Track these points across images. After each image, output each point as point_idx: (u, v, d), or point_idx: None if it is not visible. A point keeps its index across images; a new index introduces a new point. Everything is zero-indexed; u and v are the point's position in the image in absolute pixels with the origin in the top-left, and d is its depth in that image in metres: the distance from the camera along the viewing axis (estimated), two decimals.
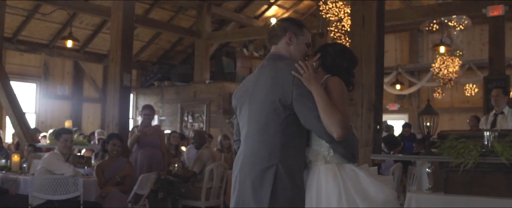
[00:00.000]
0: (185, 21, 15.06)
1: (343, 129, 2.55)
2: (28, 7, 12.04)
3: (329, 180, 2.55)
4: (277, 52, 2.89)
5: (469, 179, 4.91)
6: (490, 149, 4.68)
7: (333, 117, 2.55)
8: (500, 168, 4.68)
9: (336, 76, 2.78)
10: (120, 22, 7.82)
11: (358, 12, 5.52)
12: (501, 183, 4.76)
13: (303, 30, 2.91)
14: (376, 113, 5.39)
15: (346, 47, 3.13)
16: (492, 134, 4.78)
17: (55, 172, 5.86)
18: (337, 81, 2.74)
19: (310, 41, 2.93)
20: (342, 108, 2.61)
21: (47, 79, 13.49)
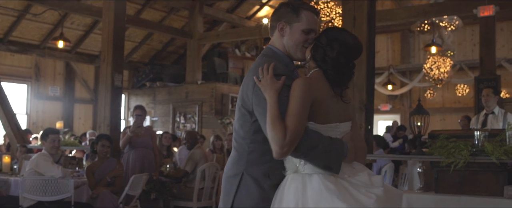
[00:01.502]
0: (177, 22, 15.03)
1: (281, 148, 2.22)
2: (19, 7, 11.98)
3: (291, 191, 2.28)
4: (269, 47, 2.59)
5: (460, 178, 4.93)
6: (480, 148, 4.70)
7: (271, 133, 2.26)
8: (491, 168, 4.70)
9: (300, 78, 2.38)
10: (111, 22, 7.78)
11: (349, 12, 5.53)
12: (492, 182, 4.78)
13: (300, 14, 2.50)
14: (368, 113, 5.39)
15: (342, 33, 2.50)
16: (482, 134, 4.79)
17: (44, 173, 5.83)
18: (296, 86, 2.32)
19: (313, 26, 2.51)
20: (291, 122, 2.24)
21: (38, 80, 13.43)
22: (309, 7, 2.55)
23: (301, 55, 2.52)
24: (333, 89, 2.40)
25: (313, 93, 2.32)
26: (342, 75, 2.42)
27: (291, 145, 2.24)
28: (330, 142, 2.32)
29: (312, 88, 2.33)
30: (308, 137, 2.28)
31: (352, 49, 2.45)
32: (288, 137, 2.22)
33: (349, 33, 2.51)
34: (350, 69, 2.46)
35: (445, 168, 4.81)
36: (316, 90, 2.34)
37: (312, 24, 2.51)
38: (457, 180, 4.94)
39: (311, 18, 2.53)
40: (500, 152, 4.53)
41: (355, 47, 2.47)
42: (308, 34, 2.49)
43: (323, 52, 2.42)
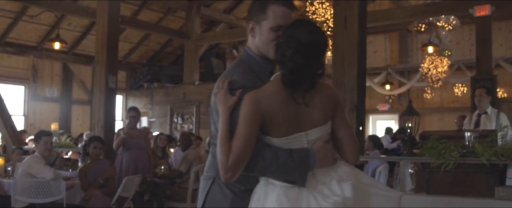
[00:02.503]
0: (174, 23, 15.02)
1: (225, 172, 2.07)
2: (15, 9, 11.98)
3: (253, 200, 2.18)
4: (245, 49, 2.43)
5: (451, 179, 4.91)
6: (471, 149, 4.68)
7: (218, 155, 2.11)
8: (482, 169, 4.68)
9: (247, 93, 2.13)
10: (105, 24, 7.79)
11: (341, 13, 5.52)
12: (483, 183, 4.76)
13: (267, 11, 2.25)
14: (359, 114, 5.38)
15: (300, 28, 2.17)
16: (473, 135, 4.78)
17: (36, 175, 5.83)
18: (242, 103, 2.12)
19: (281, 21, 2.22)
20: (235, 144, 2.06)
21: (35, 81, 13.43)
22: (277, 1, 2.27)
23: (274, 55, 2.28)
24: (293, 94, 2.11)
25: (260, 108, 2.09)
26: (300, 77, 2.11)
27: (235, 169, 2.06)
28: (288, 156, 2.09)
29: (260, 102, 2.09)
30: (260, 156, 2.09)
31: (309, 46, 2.12)
32: (230, 161, 2.05)
33: (309, 27, 2.18)
34: (312, 69, 2.13)
35: (436, 169, 4.79)
36: (266, 102, 2.10)
37: (280, 19, 2.23)
38: (448, 181, 4.93)
39: (279, 13, 2.25)
40: (490, 153, 4.51)
41: (312, 44, 2.13)
42: (277, 31, 2.22)
43: (281, 51, 2.16)
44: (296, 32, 2.15)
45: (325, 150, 2.14)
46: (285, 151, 2.11)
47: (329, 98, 2.21)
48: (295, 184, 2.10)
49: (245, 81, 2.21)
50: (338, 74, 5.47)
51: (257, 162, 2.09)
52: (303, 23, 2.22)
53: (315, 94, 2.16)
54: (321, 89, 2.20)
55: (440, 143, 4.79)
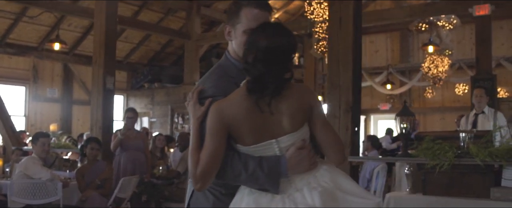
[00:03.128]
0: (175, 23, 15.03)
1: (195, 182, 2.06)
2: (15, 10, 12.01)
3: (232, 204, 2.15)
4: (225, 54, 2.43)
5: (447, 180, 4.91)
6: (465, 150, 4.67)
7: (189, 165, 2.10)
8: (477, 169, 4.67)
9: (213, 103, 2.09)
10: (103, 24, 7.79)
11: (336, 13, 5.50)
12: (479, 184, 4.75)
13: (240, 14, 2.20)
14: (354, 115, 5.36)
15: (259, 33, 2.08)
16: (468, 135, 4.77)
17: (32, 176, 5.84)
18: (209, 113, 2.07)
19: (254, 23, 2.15)
20: (202, 155, 2.04)
21: (36, 81, 13.47)
22: (249, 2, 2.19)
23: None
24: (258, 102, 2.01)
25: (225, 118, 2.03)
26: (263, 84, 2.00)
27: (204, 180, 2.05)
28: (257, 165, 2.04)
29: (224, 111, 2.04)
30: (229, 166, 2.06)
31: (268, 51, 2.02)
32: (198, 172, 2.03)
33: (269, 31, 2.08)
34: (275, 75, 2.02)
35: (431, 170, 4.79)
36: (231, 111, 2.04)
37: (253, 22, 2.14)
38: (444, 182, 4.92)
39: (251, 15, 2.17)
40: (485, 154, 4.50)
41: (272, 49, 2.02)
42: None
43: (245, 58, 2.09)
44: (255, 37, 2.08)
45: (299, 157, 2.05)
46: (255, 159, 2.06)
47: (299, 103, 2.07)
48: (269, 192, 2.06)
49: (215, 90, 2.16)
50: (333, 75, 5.46)
51: (226, 171, 2.07)
52: (264, 27, 2.11)
53: (284, 100, 2.04)
54: (291, 94, 2.06)
55: (435, 144, 4.78)
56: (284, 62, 2.07)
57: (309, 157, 2.07)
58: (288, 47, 2.09)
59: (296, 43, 2.16)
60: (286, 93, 2.05)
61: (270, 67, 2.02)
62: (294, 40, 2.12)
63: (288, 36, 2.10)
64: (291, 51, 2.10)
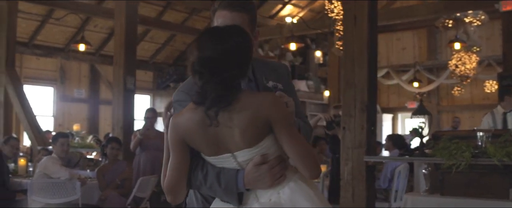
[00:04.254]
0: (199, 22, 15.09)
1: (166, 194, 2.03)
2: (41, 12, 12.23)
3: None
4: None
5: (466, 180, 4.81)
6: (483, 150, 4.57)
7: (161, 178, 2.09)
8: (496, 170, 4.57)
9: (172, 116, 2.00)
10: (123, 25, 7.88)
11: (350, 11, 5.43)
12: (497, 184, 4.65)
13: (215, 16, 2.16)
14: (369, 114, 5.29)
15: (195, 41, 1.95)
16: (485, 135, 4.66)
17: (52, 175, 5.94)
18: (169, 126, 1.99)
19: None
20: (168, 167, 1.99)
21: (63, 82, 13.69)
22: (221, 3, 2.11)
23: None
24: (206, 114, 1.89)
25: (179, 131, 1.95)
26: (204, 96, 1.88)
27: (172, 192, 2.00)
28: (215, 179, 1.99)
29: (178, 125, 1.95)
30: (193, 176, 2.02)
31: (200, 63, 1.88)
32: (165, 185, 2.00)
33: (199, 43, 1.92)
34: (215, 86, 1.86)
35: (448, 170, 4.70)
36: (184, 125, 1.94)
37: (223, 24, 2.04)
38: (463, 182, 4.83)
39: (221, 17, 2.09)
40: (502, 153, 4.39)
41: (202, 61, 1.88)
42: None
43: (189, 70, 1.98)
44: (190, 47, 1.97)
45: (257, 173, 1.92)
46: (214, 172, 2.00)
47: (253, 117, 1.87)
48: (231, 205, 2.01)
49: (184, 95, 2.11)
50: (348, 74, 5.39)
51: (191, 180, 2.03)
52: (200, 35, 1.96)
53: (235, 113, 1.87)
54: (245, 107, 1.88)
55: (452, 143, 4.69)
56: (223, 73, 1.87)
57: (272, 173, 1.93)
58: (222, 57, 1.87)
59: (238, 51, 1.90)
60: (239, 106, 1.88)
61: (207, 79, 1.87)
62: (235, 47, 1.88)
63: (223, 44, 1.87)
64: (229, 61, 1.87)
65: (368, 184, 5.30)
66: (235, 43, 1.89)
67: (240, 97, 1.88)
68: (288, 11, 15.89)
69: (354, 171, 5.31)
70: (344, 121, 5.42)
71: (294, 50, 12.95)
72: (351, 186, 5.33)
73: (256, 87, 2.17)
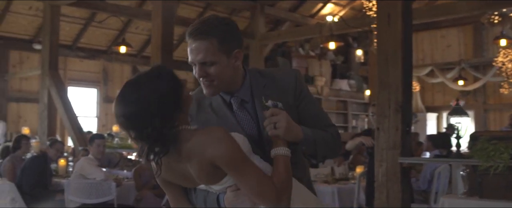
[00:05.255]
0: (240, 23, 15.08)
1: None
2: (84, 15, 12.49)
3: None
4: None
5: (505, 183, 4.62)
6: None
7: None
8: None
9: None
10: (159, 26, 7.93)
11: (383, 9, 5.30)
12: None
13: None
14: (404, 114, 5.15)
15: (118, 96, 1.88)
16: None
17: (87, 176, 6.03)
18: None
19: (191, 57, 2.02)
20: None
21: (106, 84, 13.96)
22: (187, 33, 2.04)
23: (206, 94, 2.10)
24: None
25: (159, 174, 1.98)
26: (141, 148, 1.90)
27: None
28: (203, 201, 2.02)
29: (154, 169, 1.98)
30: (189, 196, 2.08)
31: (117, 121, 1.91)
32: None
33: (120, 98, 1.87)
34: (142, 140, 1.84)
35: (486, 172, 4.52)
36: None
37: (190, 54, 2.01)
38: (502, 185, 4.63)
39: (189, 47, 2.03)
40: None
41: (117, 120, 1.89)
42: (195, 67, 2.02)
43: None
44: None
45: (235, 198, 1.92)
46: (202, 196, 2.02)
47: (200, 162, 1.83)
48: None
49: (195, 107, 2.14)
50: (381, 73, 5.27)
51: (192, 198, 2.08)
52: (118, 94, 1.89)
53: (184, 156, 1.85)
54: (191, 150, 1.84)
55: (490, 145, 4.52)
56: (144, 129, 1.80)
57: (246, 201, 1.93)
58: (135, 117, 1.81)
59: (153, 105, 1.81)
60: (185, 148, 1.84)
61: (133, 136, 1.85)
62: (146, 103, 1.80)
63: (131, 105, 1.81)
64: (144, 117, 1.80)
65: (403, 185, 5.16)
66: (145, 100, 1.81)
67: (184, 137, 1.84)
68: (329, 9, 15.72)
69: (389, 172, 5.18)
70: (378, 121, 5.30)
71: (334, 49, 12.78)
72: (386, 188, 5.21)
73: (253, 108, 2.11)
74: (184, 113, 1.90)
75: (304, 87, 2.20)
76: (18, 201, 6.00)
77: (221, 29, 2.01)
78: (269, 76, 2.17)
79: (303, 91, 2.18)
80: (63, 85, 10.27)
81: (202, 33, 1.98)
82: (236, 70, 2.07)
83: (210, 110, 2.13)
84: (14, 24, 12.11)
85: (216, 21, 2.02)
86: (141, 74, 1.89)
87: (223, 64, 2.01)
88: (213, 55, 1.98)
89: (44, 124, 9.96)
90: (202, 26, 1.99)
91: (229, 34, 2.03)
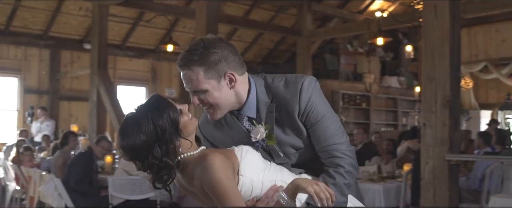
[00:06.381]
0: (287, 20, 15.01)
1: None
2: (132, 15, 12.68)
3: None
4: None
5: None
6: None
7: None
8: None
9: None
10: (203, 25, 7.94)
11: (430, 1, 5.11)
12: None
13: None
14: (452, 110, 4.94)
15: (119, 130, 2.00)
16: None
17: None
18: None
19: (185, 84, 2.06)
20: None
21: (155, 82, 14.14)
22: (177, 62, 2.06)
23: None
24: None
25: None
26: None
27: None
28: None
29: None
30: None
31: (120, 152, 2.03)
32: None
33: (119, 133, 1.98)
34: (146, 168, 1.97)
35: None
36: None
37: (184, 82, 2.04)
38: None
39: (181, 75, 2.05)
40: None
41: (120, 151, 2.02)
42: (193, 96, 2.05)
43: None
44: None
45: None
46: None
47: (198, 187, 1.92)
48: None
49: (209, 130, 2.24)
50: (428, 67, 5.07)
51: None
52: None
53: (186, 183, 1.98)
54: (189, 178, 1.95)
55: None
56: (144, 159, 1.91)
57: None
58: (133, 151, 1.91)
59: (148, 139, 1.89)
60: (185, 175, 1.96)
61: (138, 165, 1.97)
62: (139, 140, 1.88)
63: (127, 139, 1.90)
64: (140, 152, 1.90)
65: (451, 184, 4.95)
66: (142, 131, 1.88)
67: (184, 164, 1.94)
68: (378, 5, 15.42)
69: (436, 170, 4.98)
70: (425, 117, 5.11)
71: (381, 45, 12.50)
72: (433, 186, 5.01)
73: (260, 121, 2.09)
74: (185, 139, 1.96)
75: (313, 100, 2.02)
76: (64, 196, 6.11)
77: (205, 55, 1.96)
78: (275, 90, 2.07)
79: (310, 105, 2.02)
80: (112, 83, 10.44)
81: (187, 63, 1.97)
82: (236, 90, 2.03)
83: (224, 123, 2.13)
84: (65, 25, 12.43)
85: (201, 47, 1.98)
86: (139, 106, 1.98)
87: (216, 89, 1.98)
88: (202, 83, 1.97)
89: (94, 122, 10.15)
90: (187, 55, 1.97)
91: (216, 57, 1.97)
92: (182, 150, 1.94)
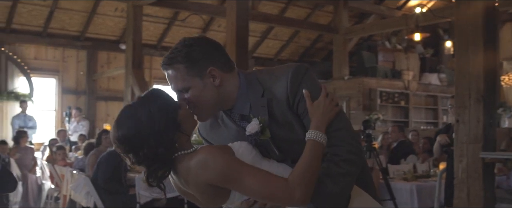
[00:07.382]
0: (323, 18, 14.82)
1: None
2: (167, 15, 12.74)
3: None
4: None
5: None
6: None
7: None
8: None
9: None
10: (233, 22, 7.84)
11: None
12: None
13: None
14: (487, 105, 4.70)
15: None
16: None
17: None
18: None
19: (169, 83, 2.02)
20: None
21: None
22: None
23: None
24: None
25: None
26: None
27: None
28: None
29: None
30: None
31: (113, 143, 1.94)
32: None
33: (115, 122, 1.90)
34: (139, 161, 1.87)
35: None
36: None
37: (169, 83, 2.00)
38: None
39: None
40: None
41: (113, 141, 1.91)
42: (178, 96, 1.99)
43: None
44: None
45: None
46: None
47: (197, 186, 1.82)
48: None
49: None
50: (460, 60, 4.85)
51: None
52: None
53: (183, 181, 1.87)
54: (186, 176, 1.83)
55: None
56: (139, 151, 1.82)
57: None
58: (128, 141, 1.82)
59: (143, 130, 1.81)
60: (181, 173, 1.85)
61: (131, 158, 1.86)
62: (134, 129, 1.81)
63: (122, 129, 1.83)
64: (135, 142, 1.82)
65: (486, 183, 4.71)
66: (137, 121, 1.82)
67: (179, 162, 1.84)
68: (416, 1, 15.04)
69: (469, 168, 4.75)
70: (458, 113, 4.88)
71: (420, 41, 12.18)
72: (466, 186, 4.78)
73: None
74: (185, 135, 1.88)
75: (303, 87, 1.93)
76: (93, 194, 6.12)
77: (185, 53, 1.92)
78: (265, 83, 1.98)
79: (300, 93, 1.93)
80: (146, 83, 10.49)
81: (168, 62, 1.95)
82: (221, 88, 1.95)
83: (221, 123, 2.06)
84: (101, 26, 12.59)
85: (181, 45, 1.95)
86: (137, 97, 1.92)
87: (199, 87, 1.93)
88: (184, 81, 1.93)
89: None
90: (169, 55, 1.95)
91: (196, 54, 1.92)
92: (178, 146, 1.85)
